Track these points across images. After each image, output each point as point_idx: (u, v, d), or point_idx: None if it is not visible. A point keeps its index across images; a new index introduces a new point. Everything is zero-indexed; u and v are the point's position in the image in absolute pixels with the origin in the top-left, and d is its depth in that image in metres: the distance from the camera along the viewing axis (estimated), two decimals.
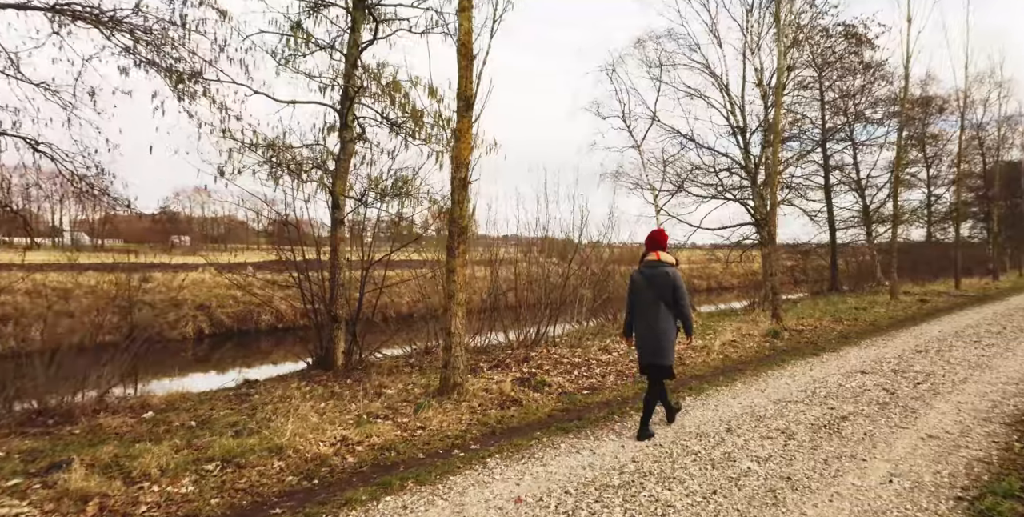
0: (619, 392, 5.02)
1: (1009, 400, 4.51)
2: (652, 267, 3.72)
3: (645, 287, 3.70)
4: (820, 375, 5.57)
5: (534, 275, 7.21)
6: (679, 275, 3.72)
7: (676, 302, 3.66)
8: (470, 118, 4.61)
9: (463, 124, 4.58)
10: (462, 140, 4.57)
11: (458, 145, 4.59)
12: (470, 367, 5.98)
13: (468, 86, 4.57)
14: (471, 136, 4.64)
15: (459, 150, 4.58)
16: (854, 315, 10.30)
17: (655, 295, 3.66)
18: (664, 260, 3.75)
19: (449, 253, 4.59)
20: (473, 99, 4.58)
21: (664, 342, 3.65)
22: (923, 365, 5.94)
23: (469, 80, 4.58)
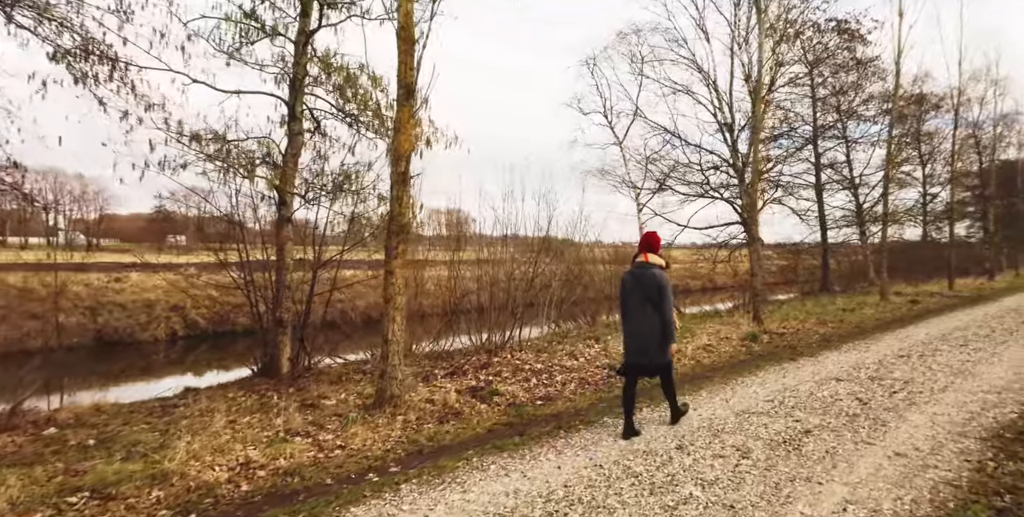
0: (574, 403, 4.72)
1: (989, 411, 4.23)
2: (641, 268, 3.80)
3: (633, 288, 3.78)
4: (792, 383, 5.29)
5: (499, 276, 6.91)
6: (666, 277, 3.76)
7: (659, 304, 3.70)
8: (411, 107, 4.29)
9: (403, 114, 4.27)
10: (402, 131, 4.26)
11: (397, 137, 4.28)
12: (423, 375, 5.68)
13: (408, 73, 4.26)
14: (412, 127, 4.33)
15: (398, 142, 4.27)
16: (840, 317, 10.04)
17: (642, 296, 3.72)
18: (653, 262, 3.81)
19: (387, 254, 4.27)
20: (414, 87, 4.27)
21: (651, 343, 3.71)
22: (903, 371, 5.67)
23: (409, 66, 4.26)
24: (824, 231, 17.99)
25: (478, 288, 6.79)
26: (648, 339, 3.70)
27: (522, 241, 7.88)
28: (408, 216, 4.28)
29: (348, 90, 6.04)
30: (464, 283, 7.26)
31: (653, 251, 3.88)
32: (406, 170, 4.25)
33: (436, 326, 7.11)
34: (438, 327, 6.86)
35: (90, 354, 12.98)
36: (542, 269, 7.27)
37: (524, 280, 6.87)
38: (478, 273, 6.90)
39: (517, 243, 8.06)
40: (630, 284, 3.82)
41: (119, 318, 14.87)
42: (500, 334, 7.04)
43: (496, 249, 7.09)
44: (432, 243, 8.06)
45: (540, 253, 7.10)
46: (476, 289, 6.84)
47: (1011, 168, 28.30)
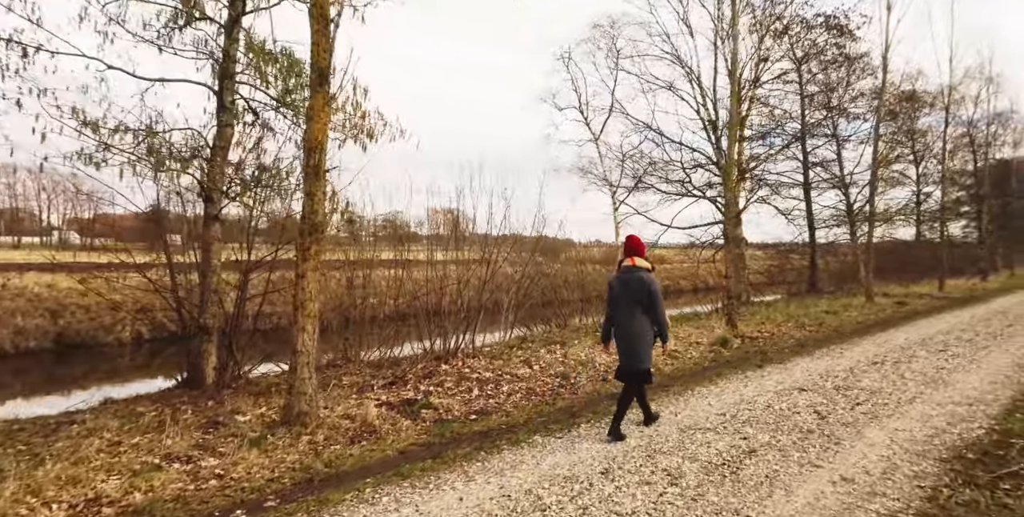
0: (510, 418, 4.37)
1: (955, 427, 3.92)
2: (627, 272, 3.81)
3: (621, 293, 3.79)
4: (752, 393, 4.97)
5: (449, 277, 6.57)
6: (655, 280, 3.79)
7: (651, 307, 3.73)
8: (325, 94, 3.94)
9: (316, 100, 3.92)
10: (315, 119, 3.90)
11: (311, 126, 3.93)
12: (360, 385, 5.33)
13: (322, 55, 3.91)
14: (327, 115, 3.97)
15: (312, 131, 3.92)
16: (820, 320, 9.75)
17: (630, 300, 3.74)
18: (640, 265, 3.82)
19: (299, 255, 3.92)
20: (328, 71, 3.92)
21: (639, 347, 3.74)
22: (872, 380, 5.36)
23: (324, 48, 3.91)
24: (812, 231, 17.75)
25: (427, 291, 6.44)
26: (638, 343, 3.74)
27: (484, 240, 7.53)
28: (322, 214, 3.92)
29: (281, 79, 5.68)
30: (416, 285, 6.90)
31: (639, 254, 3.90)
32: (320, 162, 3.90)
33: (385, 331, 6.76)
34: (384, 332, 6.50)
35: (50, 358, 12.55)
36: (497, 270, 6.92)
37: (479, 281, 6.53)
38: (428, 275, 6.55)
39: (481, 242, 7.71)
40: (617, 289, 3.82)
41: (82, 320, 14.41)
42: (452, 339, 6.70)
43: (447, 249, 6.73)
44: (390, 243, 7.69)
45: (497, 253, 6.75)
46: (426, 292, 6.49)
47: (1006, 167, 28.17)
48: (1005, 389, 4.93)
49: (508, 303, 7.16)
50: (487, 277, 6.54)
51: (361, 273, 6.54)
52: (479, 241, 6.81)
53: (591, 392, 5.19)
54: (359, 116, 6.22)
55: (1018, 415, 4.11)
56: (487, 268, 6.53)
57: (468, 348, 6.83)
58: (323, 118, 3.88)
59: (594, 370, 6.07)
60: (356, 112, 6.22)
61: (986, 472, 3.07)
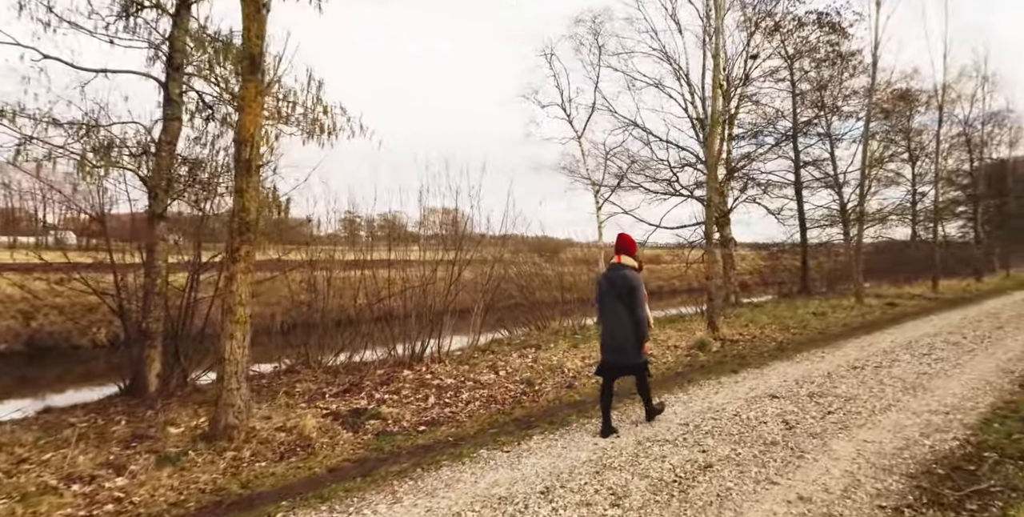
0: (461, 429, 4.15)
1: (928, 438, 3.71)
2: (614, 270, 3.95)
3: (608, 290, 3.91)
4: (722, 401, 4.75)
5: (413, 278, 6.33)
6: (638, 278, 3.89)
7: (631, 304, 3.80)
8: (258, 83, 3.72)
9: (248, 90, 3.69)
10: (247, 111, 3.67)
11: (242, 117, 3.70)
12: (311, 393, 5.09)
13: (254, 42, 3.68)
14: (260, 105, 3.74)
15: (243, 123, 3.69)
16: (806, 322, 9.56)
17: (615, 297, 3.85)
18: (625, 263, 3.94)
19: (228, 256, 3.68)
20: (260, 58, 3.70)
21: (625, 343, 3.82)
22: (848, 386, 5.15)
23: (256, 33, 3.69)
24: (804, 231, 17.57)
25: (390, 293, 6.21)
26: (624, 339, 3.82)
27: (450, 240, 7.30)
28: (254, 212, 3.69)
29: (232, 71, 5.44)
30: (381, 286, 6.66)
31: (627, 253, 4.00)
32: (252, 157, 3.67)
33: (349, 335, 6.52)
34: (348, 336, 6.26)
35: (20, 361, 12.27)
36: (463, 270, 6.68)
37: (445, 283, 6.31)
38: (389, 275, 6.32)
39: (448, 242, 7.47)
40: (605, 286, 3.96)
41: (55, 321, 14.12)
42: (418, 343, 6.47)
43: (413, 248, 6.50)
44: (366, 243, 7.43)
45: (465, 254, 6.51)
46: (388, 294, 6.25)
47: (1002, 167, 28.07)
48: (986, 396, 4.74)
49: (478, 306, 6.93)
50: (453, 279, 6.32)
51: (320, 274, 6.30)
52: (447, 241, 6.58)
53: (553, 400, 4.97)
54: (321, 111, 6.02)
55: (995, 425, 3.91)
56: (451, 269, 6.31)
57: (435, 353, 6.60)
58: (255, 109, 3.65)
59: (562, 376, 5.85)
60: (317, 107, 6.01)
61: (953, 490, 2.86)
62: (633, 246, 4.06)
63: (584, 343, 7.74)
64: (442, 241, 6.58)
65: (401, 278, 6.27)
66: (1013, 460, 3.21)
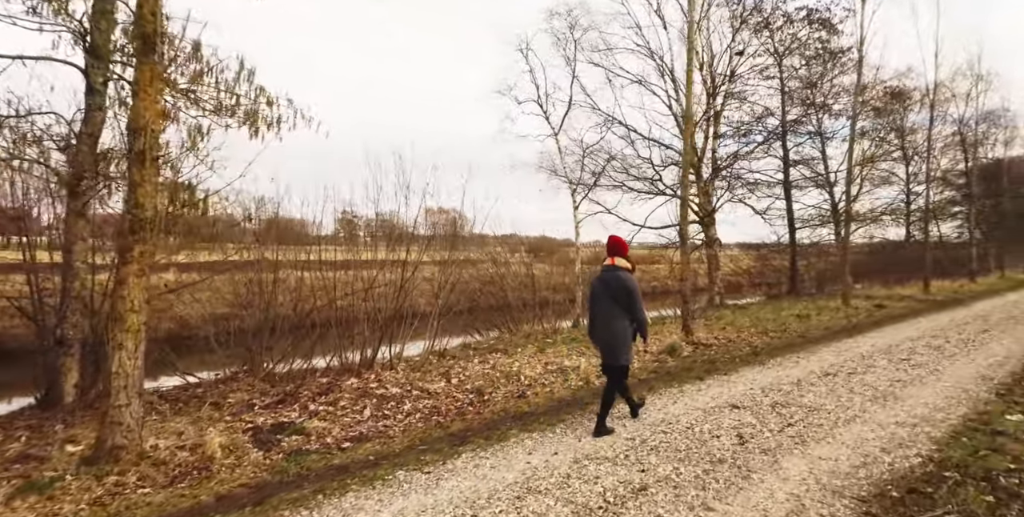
0: (387, 446, 3.85)
1: (889, 454, 3.45)
2: (607, 271, 4.00)
3: (602, 292, 3.97)
4: (678, 412, 4.48)
5: (363, 280, 6.02)
6: (633, 279, 3.95)
7: (630, 306, 3.88)
8: (153, 65, 3.41)
9: (143, 73, 3.39)
10: (140, 96, 3.37)
11: (136, 104, 3.40)
12: (242, 404, 4.78)
13: (148, 19, 3.39)
14: (157, 91, 3.44)
15: (137, 110, 3.39)
16: (787, 325, 9.31)
17: (609, 299, 3.91)
18: (619, 265, 3.99)
19: (118, 257, 3.37)
20: (155, 37, 3.40)
21: (617, 343, 3.89)
22: (816, 396, 4.89)
23: (149, 10, 3.39)
24: (792, 231, 17.36)
25: (340, 295, 5.90)
26: (616, 340, 3.88)
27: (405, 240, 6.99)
28: (151, 208, 3.39)
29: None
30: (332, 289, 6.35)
31: (619, 255, 4.06)
32: (148, 148, 3.36)
33: (299, 340, 6.21)
34: (292, 342, 5.95)
35: None
36: (417, 272, 6.38)
37: (393, 285, 6.00)
38: (334, 277, 6.01)
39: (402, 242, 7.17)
40: (598, 288, 4.01)
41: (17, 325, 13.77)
42: (369, 349, 6.16)
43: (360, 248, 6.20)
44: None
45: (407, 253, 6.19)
46: (343, 296, 5.95)
47: (997, 167, 27.97)
48: (960, 406, 4.48)
49: (435, 309, 6.63)
50: (403, 281, 6.02)
51: (267, 276, 5.99)
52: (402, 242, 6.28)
53: (499, 411, 4.68)
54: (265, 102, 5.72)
55: (964, 439, 3.65)
56: (403, 270, 6.01)
57: (389, 358, 6.30)
58: (151, 95, 3.35)
59: (517, 384, 5.56)
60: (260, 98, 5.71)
61: None
62: (625, 247, 4.14)
63: (551, 347, 7.47)
64: (390, 241, 6.28)
65: (363, 279, 5.94)
66: (975, 481, 2.94)
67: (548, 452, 3.60)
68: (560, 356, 6.88)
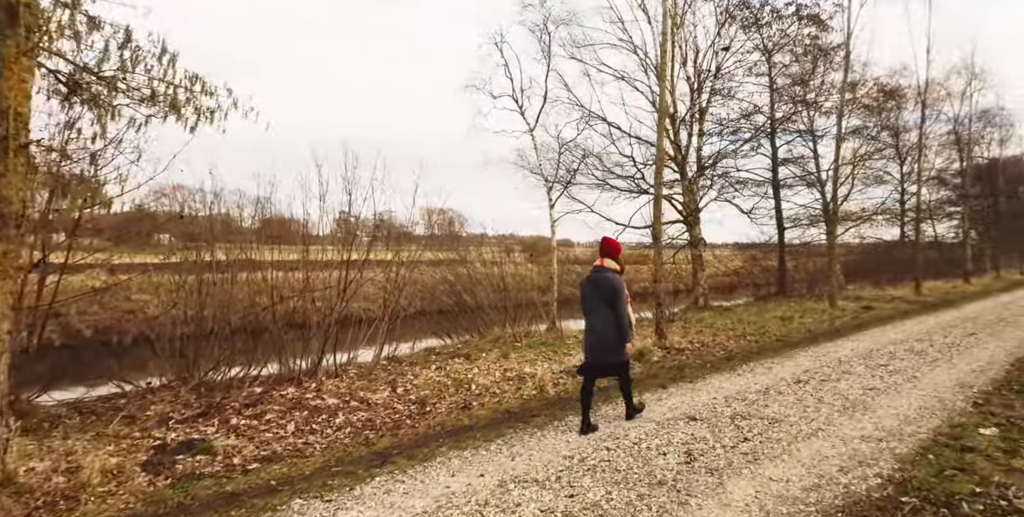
0: (295, 468, 3.51)
1: (846, 474, 3.15)
2: (597, 273, 4.14)
3: (591, 292, 4.10)
4: (630, 424, 4.17)
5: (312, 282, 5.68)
6: (621, 281, 4.07)
7: (613, 306, 3.98)
8: (20, 41, 3.07)
9: (8, 49, 3.05)
10: (6, 74, 3.03)
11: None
12: (158, 418, 4.43)
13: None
14: (25, 69, 3.10)
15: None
16: (767, 327, 9.04)
17: (599, 299, 4.03)
18: (608, 266, 4.12)
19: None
20: (17, 7, 3.05)
21: (609, 342, 4.01)
22: (781, 406, 4.59)
23: None
24: (781, 231, 17.12)
25: (273, 299, 5.55)
26: (607, 340, 3.99)
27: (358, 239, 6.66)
28: (17, 203, 3.05)
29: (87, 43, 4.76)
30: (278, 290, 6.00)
31: (610, 256, 4.18)
32: (12, 133, 3.02)
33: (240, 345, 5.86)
34: (229, 348, 5.59)
35: None
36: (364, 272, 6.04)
37: (338, 288, 5.66)
38: (273, 278, 5.66)
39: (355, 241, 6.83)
40: (588, 288, 4.13)
41: None
42: (315, 356, 5.82)
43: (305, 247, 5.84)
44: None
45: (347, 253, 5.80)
46: (273, 301, 5.60)
47: (993, 166, 27.89)
48: (933, 417, 4.20)
49: (384, 313, 6.29)
50: (346, 283, 5.69)
51: (206, 276, 5.64)
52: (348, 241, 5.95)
53: (437, 425, 4.36)
54: (200, 90, 5.38)
55: (931, 456, 3.36)
56: (344, 272, 5.67)
57: (337, 365, 5.96)
58: (16, 73, 3.01)
59: (467, 393, 5.24)
60: (197, 86, 5.37)
61: None
62: (617, 249, 4.24)
63: (517, 352, 7.16)
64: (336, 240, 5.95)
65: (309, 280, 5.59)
66: (934, 507, 2.65)
67: (474, 474, 3.28)
68: (523, 362, 6.57)
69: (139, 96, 5.11)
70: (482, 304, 9.12)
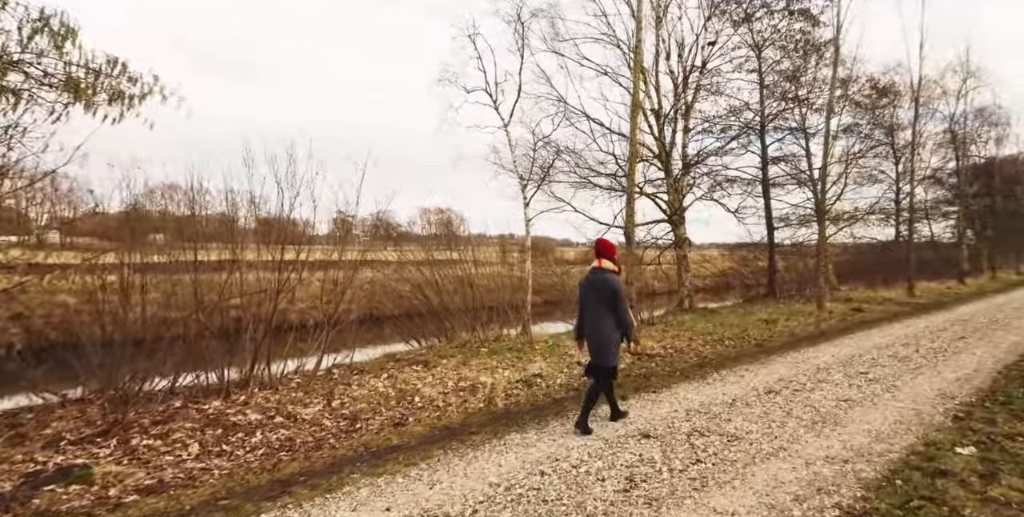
0: (177, 502, 3.09)
1: (801, 504, 2.79)
2: (594, 274, 4.14)
3: (589, 293, 4.11)
4: (574, 444, 3.80)
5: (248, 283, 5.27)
6: (619, 281, 4.09)
7: (615, 308, 4.01)
8: None
9: None
10: None
11: None
12: (51, 437, 4.02)
13: None
14: None
15: None
16: (747, 331, 8.71)
17: (597, 300, 4.05)
18: (605, 267, 4.14)
19: None
20: None
21: (603, 344, 4.02)
22: (745, 420, 4.24)
23: None
24: (771, 231, 16.84)
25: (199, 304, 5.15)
26: (605, 341, 4.01)
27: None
28: None
29: None
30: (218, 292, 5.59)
31: (607, 257, 4.19)
32: None
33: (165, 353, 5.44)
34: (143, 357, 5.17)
35: None
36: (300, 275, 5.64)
37: (270, 290, 5.26)
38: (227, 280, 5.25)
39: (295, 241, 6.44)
40: (586, 289, 4.16)
41: None
42: (249, 365, 5.42)
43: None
44: None
45: (276, 253, 5.39)
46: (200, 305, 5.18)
47: (990, 165, 27.78)
48: (907, 434, 3.86)
49: (328, 318, 5.89)
50: (279, 285, 5.29)
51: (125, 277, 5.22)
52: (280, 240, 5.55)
53: (361, 445, 3.97)
54: (125, 75, 4.98)
55: (899, 481, 3.02)
56: (277, 273, 5.28)
57: (272, 375, 5.55)
58: None
59: (407, 407, 4.86)
60: (119, 71, 4.97)
61: None
62: (613, 250, 4.24)
63: (476, 358, 6.78)
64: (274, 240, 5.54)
65: (243, 283, 5.18)
66: None
67: (379, 508, 2.90)
68: (482, 370, 6.19)
69: (46, 81, 4.71)
70: (450, 307, 8.74)
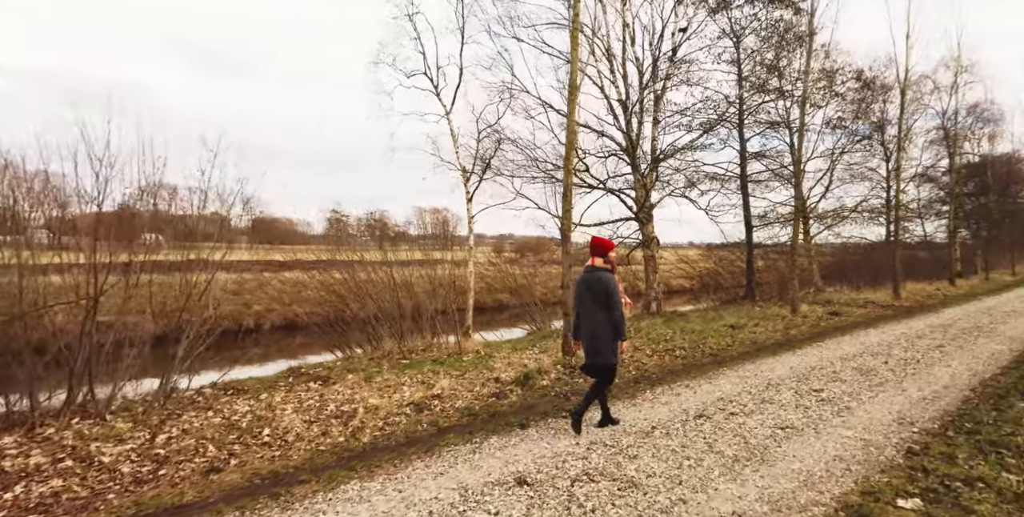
0: None
1: None
2: (589, 272, 4.16)
3: (585, 292, 4.13)
4: (429, 493, 3.03)
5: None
6: (613, 280, 4.07)
7: (607, 307, 4.01)
8: None
9: None
10: None
11: None
12: None
13: None
14: None
15: None
16: (705, 339, 8.01)
17: (591, 299, 4.08)
18: (599, 266, 4.15)
19: None
20: None
21: (600, 342, 4.02)
22: (652, 458, 3.49)
23: None
24: (749, 230, 16.23)
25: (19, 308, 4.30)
26: (601, 340, 4.00)
27: None
28: None
29: None
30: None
31: (600, 255, 4.18)
32: None
33: None
34: None
35: None
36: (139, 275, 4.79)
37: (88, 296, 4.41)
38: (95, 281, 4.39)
39: None
40: (581, 288, 4.16)
41: None
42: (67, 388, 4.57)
43: None
44: None
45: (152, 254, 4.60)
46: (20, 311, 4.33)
47: (983, 164, 27.56)
48: (845, 476, 3.15)
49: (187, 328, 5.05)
50: (98, 289, 4.45)
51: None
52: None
53: (135, 505, 3.15)
54: None
55: None
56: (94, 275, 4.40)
57: (103, 399, 4.71)
58: None
59: (245, 443, 4.03)
60: None
61: None
62: (607, 247, 4.21)
63: (384, 374, 6.00)
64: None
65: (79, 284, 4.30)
66: None
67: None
68: (382, 388, 5.41)
69: None
70: (374, 313, 7.95)
